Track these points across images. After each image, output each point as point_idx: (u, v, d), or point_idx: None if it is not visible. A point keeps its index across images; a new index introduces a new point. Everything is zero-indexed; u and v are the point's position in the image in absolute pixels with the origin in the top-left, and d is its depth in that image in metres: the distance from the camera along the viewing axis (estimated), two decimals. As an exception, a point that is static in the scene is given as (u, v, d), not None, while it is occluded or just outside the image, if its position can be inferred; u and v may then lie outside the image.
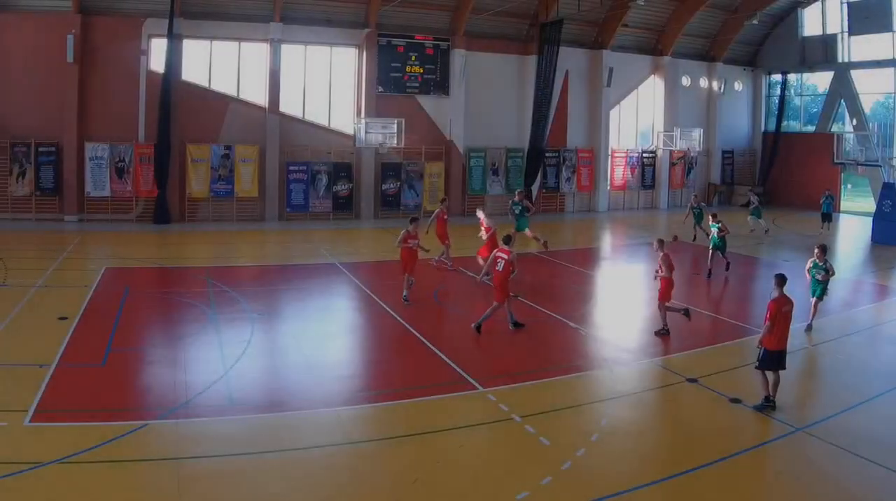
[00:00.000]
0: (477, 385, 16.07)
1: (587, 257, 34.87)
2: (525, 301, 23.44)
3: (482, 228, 27.17)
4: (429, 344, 19.22)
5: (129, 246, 34.14)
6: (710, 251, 29.66)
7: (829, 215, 44.62)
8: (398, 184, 48.24)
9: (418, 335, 20.08)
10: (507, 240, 20.59)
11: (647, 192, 57.08)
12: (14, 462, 11.48)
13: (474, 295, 25.32)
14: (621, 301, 26.72)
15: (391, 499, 11.17)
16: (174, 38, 42.12)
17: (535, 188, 51.55)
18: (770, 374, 15.31)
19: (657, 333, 20.86)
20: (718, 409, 15.34)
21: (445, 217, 29.73)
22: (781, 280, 15.66)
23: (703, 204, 38.59)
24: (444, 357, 18.08)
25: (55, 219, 40.98)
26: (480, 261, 25.06)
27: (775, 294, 15.46)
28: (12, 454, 11.85)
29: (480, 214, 28.33)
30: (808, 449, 13.47)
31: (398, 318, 21.71)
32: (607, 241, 41.82)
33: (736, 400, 15.57)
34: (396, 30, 47.83)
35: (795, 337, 19.35)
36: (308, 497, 11.20)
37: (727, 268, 29.97)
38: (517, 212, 32.76)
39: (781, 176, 59.81)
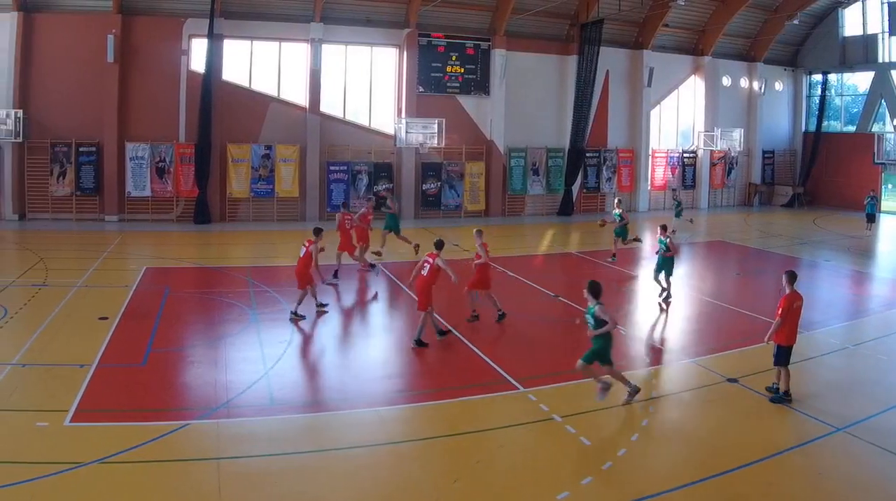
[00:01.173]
0: (518, 385, 15.57)
1: (626, 257, 32.98)
2: (564, 300, 22.81)
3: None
4: (470, 345, 18.54)
5: (170, 246, 33.01)
6: (613, 236, 30.48)
7: (872, 216, 42.93)
8: (438, 184, 46.29)
9: (459, 335, 19.28)
10: (439, 245, 18.96)
11: (688, 192, 54.12)
12: (54, 463, 11.19)
13: (516, 295, 24.29)
14: (662, 301, 24.69)
15: (432, 499, 10.79)
16: (215, 38, 40.67)
17: (575, 188, 49.81)
18: (783, 369, 15.06)
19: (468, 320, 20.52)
20: (759, 409, 14.79)
21: (370, 216, 27.99)
22: (792, 276, 15.47)
23: (682, 199, 38.38)
24: (485, 357, 17.53)
25: (95, 219, 39.90)
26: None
27: (787, 290, 15.23)
28: (53, 454, 11.55)
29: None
30: (849, 450, 13.01)
31: (440, 319, 20.21)
32: (647, 241, 39.12)
33: (777, 400, 14.99)
34: (437, 30, 46.03)
35: (834, 337, 19.87)
36: (349, 497, 10.87)
37: (613, 257, 30.52)
38: (385, 212, 31.13)
39: (822, 176, 57.35)
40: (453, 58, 46.80)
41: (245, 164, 42.72)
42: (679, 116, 54.73)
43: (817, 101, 57.66)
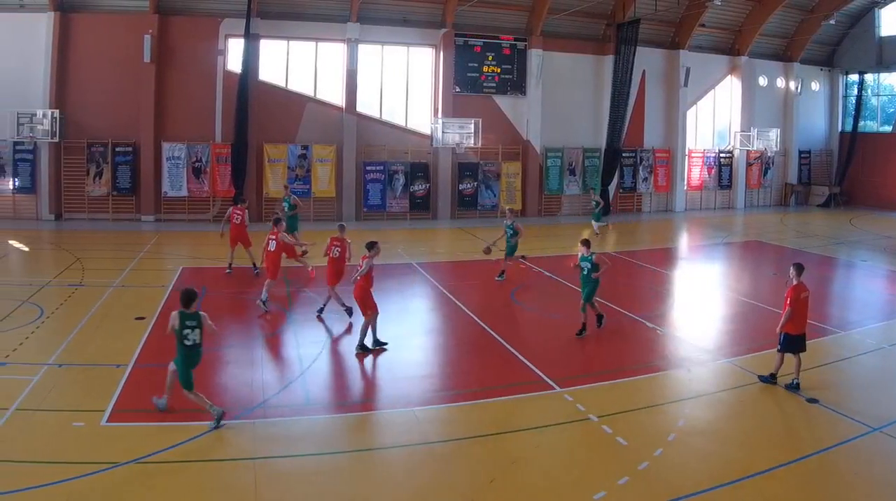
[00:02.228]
0: (554, 385, 15.14)
1: (664, 257, 32.24)
2: (602, 300, 21.39)
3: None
4: (506, 344, 18.00)
5: (206, 246, 31.50)
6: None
7: None
8: (475, 184, 44.12)
9: (495, 335, 18.78)
10: (371, 245, 17.68)
11: (724, 192, 52.07)
12: (90, 463, 10.95)
13: (553, 294, 24.05)
14: (698, 301, 24.67)
15: (468, 499, 10.48)
16: (251, 38, 39.01)
17: (611, 188, 47.44)
18: (792, 357, 15.08)
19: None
20: (795, 409, 14.39)
21: (238, 219, 25.60)
22: (800, 268, 15.35)
23: (599, 200, 35.53)
24: (521, 357, 17.02)
25: (132, 219, 38.55)
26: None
27: (794, 281, 15.17)
28: (89, 454, 11.29)
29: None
30: (885, 450, 12.64)
31: (475, 318, 20.33)
32: (684, 241, 38.81)
33: (813, 400, 14.58)
34: (473, 29, 44.05)
35: (870, 337, 19.36)
36: (385, 497, 10.58)
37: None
38: (286, 210, 29.24)
39: (858, 176, 54.60)
40: (490, 58, 44.77)
41: (281, 164, 41.07)
42: (715, 116, 52.38)
43: (854, 101, 54.90)
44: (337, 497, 10.48)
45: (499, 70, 45.06)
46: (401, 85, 43.82)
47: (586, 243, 18.89)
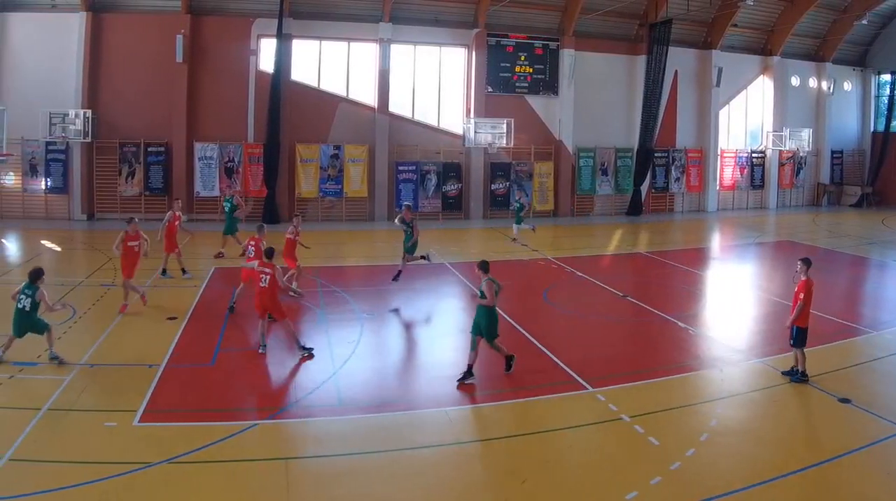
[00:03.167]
0: (586, 385, 14.55)
1: (696, 257, 30.93)
2: (634, 300, 21.59)
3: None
4: (538, 344, 17.24)
5: (238, 246, 28.71)
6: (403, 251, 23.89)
7: None
8: (507, 183, 42.49)
9: (528, 335, 17.91)
10: (270, 253, 16.65)
11: (757, 192, 50.18)
12: (123, 463, 10.57)
13: (585, 294, 23.08)
14: (730, 301, 23.57)
15: (500, 499, 10.04)
16: (283, 38, 37.46)
17: (644, 188, 45.48)
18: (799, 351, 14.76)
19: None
20: (827, 409, 13.74)
21: (178, 222, 24.01)
22: (808, 263, 15.20)
23: (525, 202, 31.69)
24: (553, 357, 16.37)
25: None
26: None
27: (803, 276, 14.90)
28: (121, 454, 10.89)
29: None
30: None
31: (507, 318, 18.91)
32: (716, 241, 37.16)
33: (845, 400, 13.88)
34: (506, 30, 42.19)
35: None
36: (417, 498, 10.06)
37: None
38: (227, 211, 27.40)
39: (891, 176, 51.89)
40: (522, 58, 42.85)
41: (314, 164, 39.35)
42: (748, 116, 50.10)
43: (886, 101, 52.40)
44: (369, 497, 10.11)
45: (531, 70, 43.16)
46: (433, 85, 42.19)
47: (483, 266, 15.15)
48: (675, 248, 32.25)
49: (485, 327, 14.63)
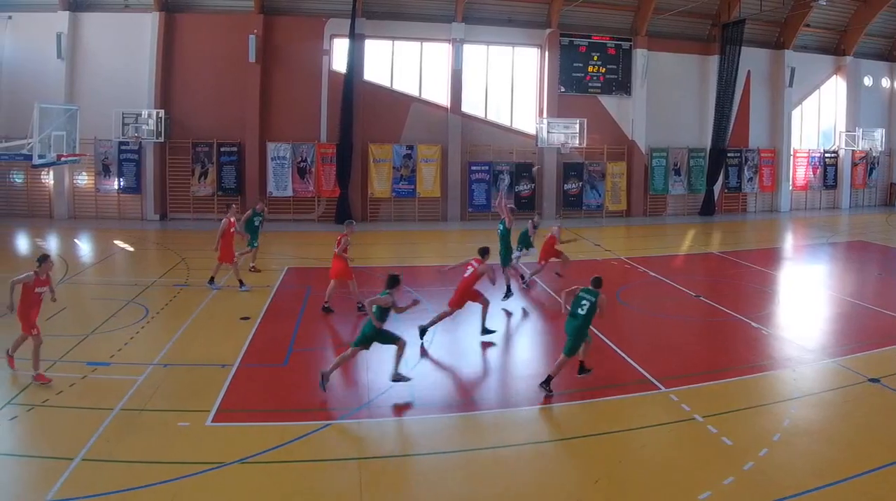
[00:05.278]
0: (659, 385, 13.20)
1: (769, 257, 28.30)
2: (707, 300, 20.08)
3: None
4: (611, 344, 15.73)
5: (311, 246, 28.02)
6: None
7: None
8: (580, 184, 38.42)
9: (601, 335, 15.94)
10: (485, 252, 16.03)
11: (829, 192, 45.46)
12: (196, 462, 9.76)
13: (657, 294, 21.09)
14: (803, 300, 21.48)
15: (574, 499, 9.25)
16: (356, 38, 33.96)
17: (716, 188, 40.95)
18: None
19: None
20: None
21: (233, 229, 20.53)
22: None
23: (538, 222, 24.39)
24: (626, 357, 14.91)
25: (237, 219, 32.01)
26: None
27: None
28: (194, 454, 10.06)
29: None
30: None
31: None
32: (789, 242, 34.03)
33: None
34: (578, 29, 38.08)
35: None
36: (491, 497, 9.31)
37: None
38: (258, 225, 23.18)
39: (965, 177, 46.09)
40: (595, 58, 38.59)
41: (387, 164, 35.56)
42: (820, 116, 45.14)
43: (958, 101, 46.40)
44: (442, 497, 9.27)
45: (604, 70, 38.87)
46: (506, 85, 38.13)
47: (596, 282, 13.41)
48: (748, 248, 29.63)
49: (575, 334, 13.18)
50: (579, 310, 12.77)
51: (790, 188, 43.38)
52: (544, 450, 10.88)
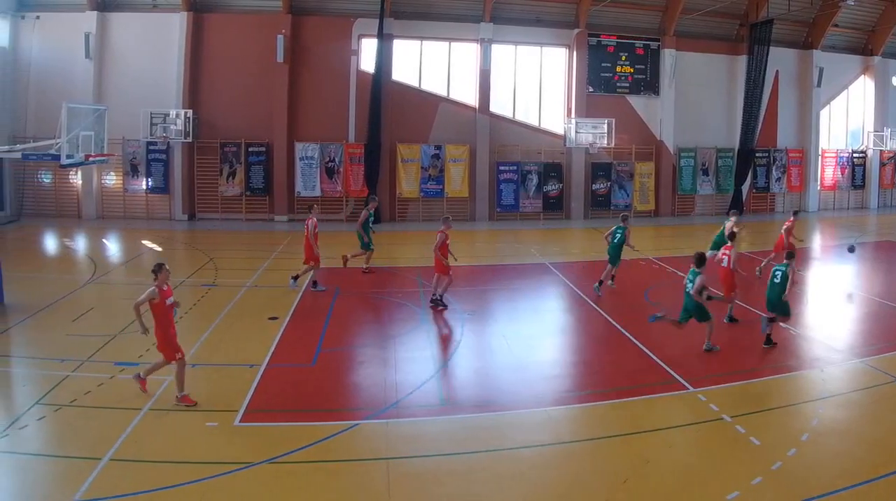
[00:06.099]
0: (687, 385, 12.70)
1: (797, 257, 25.28)
2: (735, 300, 18.35)
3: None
4: (639, 345, 15.07)
5: (339, 246, 26.05)
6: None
7: None
8: (608, 184, 36.97)
9: (629, 335, 15.81)
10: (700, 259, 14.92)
11: (857, 192, 43.70)
12: (224, 462, 9.41)
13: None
14: (830, 301, 20.74)
15: (602, 499, 8.87)
16: (384, 38, 32.61)
17: (745, 188, 39.34)
18: None
19: None
20: None
21: (317, 230, 19.48)
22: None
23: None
24: (654, 357, 14.26)
25: (265, 220, 32.88)
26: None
27: None
28: (222, 454, 9.73)
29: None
30: None
31: (609, 318, 17.37)
32: (816, 241, 32.47)
33: None
34: (606, 29, 36.63)
35: None
36: (518, 498, 8.94)
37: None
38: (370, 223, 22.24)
39: None
40: (623, 58, 37.15)
41: (415, 164, 34.22)
42: (848, 116, 43.42)
43: None
44: (470, 497, 8.83)
45: (632, 70, 37.41)
46: (534, 85, 36.73)
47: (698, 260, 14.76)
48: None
49: (694, 311, 14.24)
50: (688, 286, 14.09)
51: (818, 188, 41.78)
52: (572, 450, 10.55)
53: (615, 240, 19.68)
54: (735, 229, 18.97)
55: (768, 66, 37.62)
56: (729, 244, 17.03)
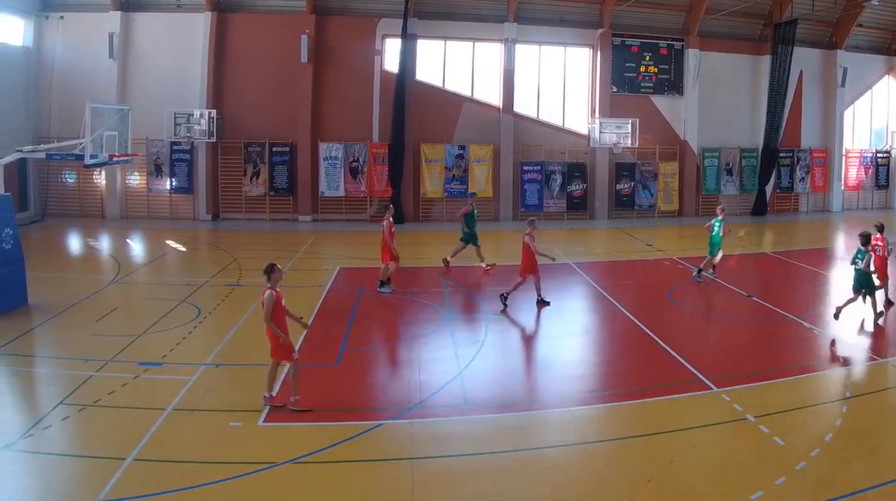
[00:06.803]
0: (711, 385, 12.31)
1: (821, 257, 26.71)
2: (759, 300, 18.66)
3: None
4: (663, 344, 14.57)
5: (363, 246, 26.19)
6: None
7: None
8: (632, 184, 35.80)
9: (652, 335, 15.25)
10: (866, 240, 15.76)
11: (881, 192, 42.32)
12: (248, 463, 9.20)
13: (709, 294, 20.17)
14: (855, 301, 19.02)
15: (626, 499, 8.60)
16: (408, 38, 31.67)
17: (769, 188, 38.18)
18: None
19: None
20: None
21: (393, 229, 19.00)
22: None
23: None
24: (678, 357, 13.82)
25: (289, 219, 31.93)
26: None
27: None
28: (246, 454, 9.50)
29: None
30: None
31: (632, 318, 16.74)
32: (841, 241, 31.32)
33: None
34: (630, 30, 35.50)
35: None
36: (542, 497, 8.71)
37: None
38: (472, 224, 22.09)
39: None
40: (647, 58, 35.98)
41: (439, 164, 33.17)
42: (872, 116, 42.06)
43: None
44: (494, 497, 8.58)
45: (656, 70, 36.24)
46: (558, 85, 35.61)
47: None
48: (800, 248, 28.12)
49: (865, 284, 15.05)
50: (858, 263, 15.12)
51: (842, 188, 40.44)
52: (596, 450, 10.30)
53: (713, 233, 20.29)
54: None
55: (792, 65, 36.44)
56: (879, 236, 16.98)
